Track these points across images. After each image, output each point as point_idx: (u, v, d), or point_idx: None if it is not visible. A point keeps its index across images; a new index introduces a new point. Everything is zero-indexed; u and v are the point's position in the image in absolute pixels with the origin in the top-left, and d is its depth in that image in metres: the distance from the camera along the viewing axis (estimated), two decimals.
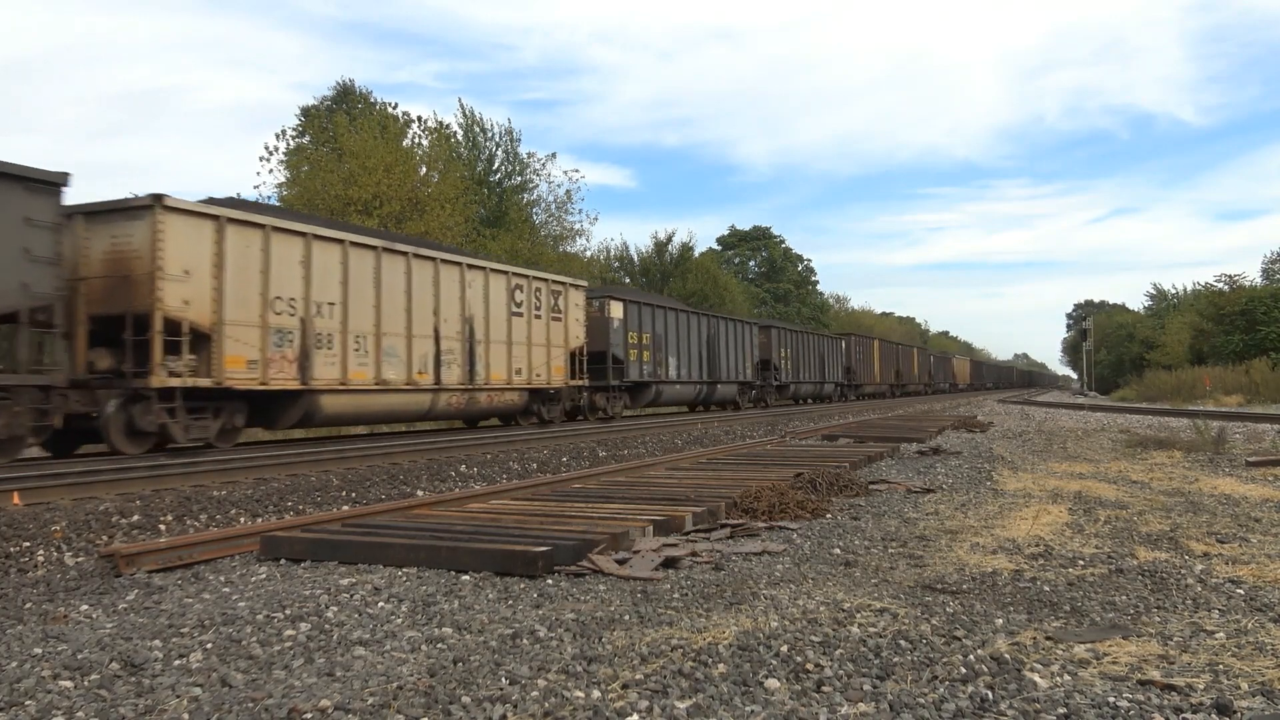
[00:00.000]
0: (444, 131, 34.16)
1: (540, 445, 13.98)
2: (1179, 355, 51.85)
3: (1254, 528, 6.13)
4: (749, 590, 4.32)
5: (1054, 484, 8.66)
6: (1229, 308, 47.81)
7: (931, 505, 7.29)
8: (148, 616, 4.13)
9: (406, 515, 6.77)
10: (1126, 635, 3.53)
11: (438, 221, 28.31)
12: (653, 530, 5.75)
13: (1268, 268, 61.78)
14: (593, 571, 4.76)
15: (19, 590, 5.04)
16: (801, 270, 77.12)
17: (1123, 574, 4.65)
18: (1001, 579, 4.53)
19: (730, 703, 2.83)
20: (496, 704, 2.83)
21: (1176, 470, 10.07)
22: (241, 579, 4.95)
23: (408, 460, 11.45)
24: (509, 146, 37.82)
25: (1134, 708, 2.73)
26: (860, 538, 5.81)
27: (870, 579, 4.60)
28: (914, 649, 3.30)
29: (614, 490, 7.93)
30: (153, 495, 8.08)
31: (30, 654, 3.54)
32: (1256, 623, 3.72)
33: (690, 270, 50.77)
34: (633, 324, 23.40)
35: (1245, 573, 4.64)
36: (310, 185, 28.22)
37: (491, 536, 5.45)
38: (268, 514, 7.80)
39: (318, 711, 2.80)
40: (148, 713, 2.88)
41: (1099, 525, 6.24)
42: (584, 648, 3.40)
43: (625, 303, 23.34)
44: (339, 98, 36.55)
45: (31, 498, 7.67)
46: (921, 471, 10.03)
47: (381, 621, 3.91)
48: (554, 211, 39.08)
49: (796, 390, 36.34)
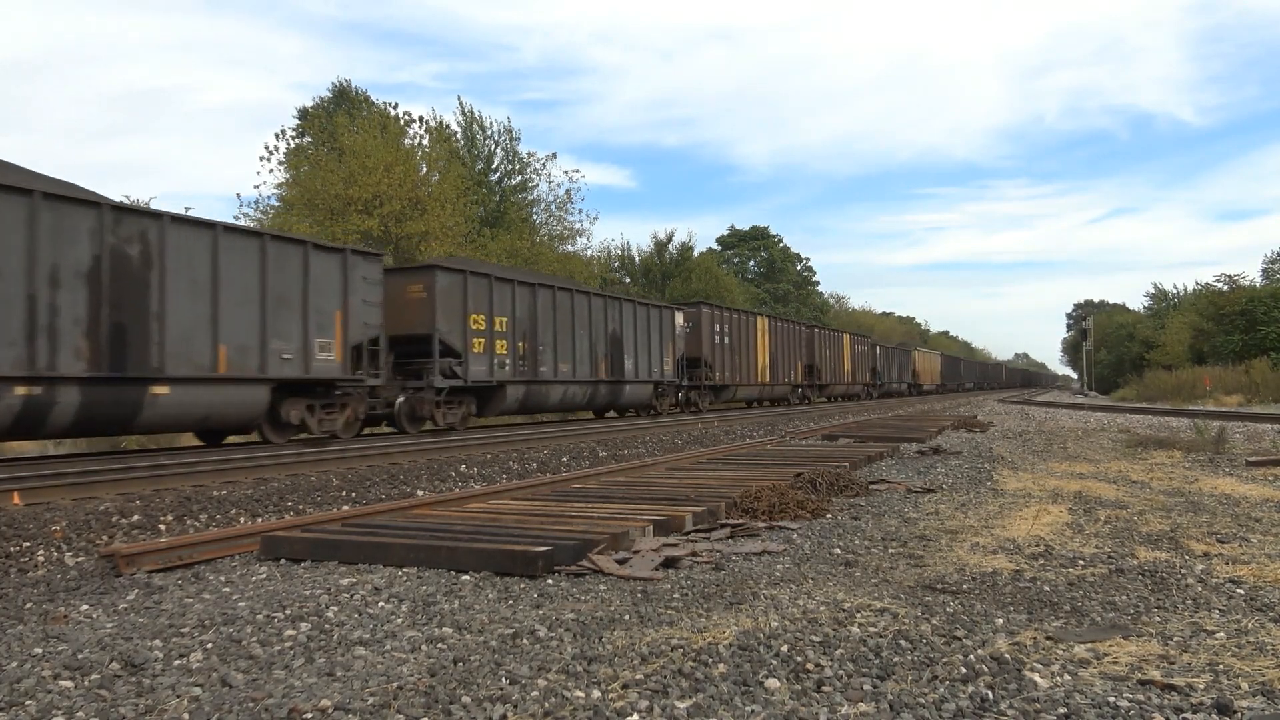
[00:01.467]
0: (443, 131, 34.16)
1: (540, 445, 13.98)
2: (1179, 355, 51.85)
3: (1254, 528, 6.13)
4: (749, 590, 4.32)
5: (1054, 484, 8.66)
6: (1229, 308, 47.80)
7: (932, 505, 7.29)
8: (148, 616, 4.13)
9: (406, 515, 6.77)
10: (1127, 635, 3.53)
11: (438, 221, 28.29)
12: (653, 530, 5.75)
13: (1268, 268, 61.82)
14: (593, 571, 4.76)
15: (19, 590, 5.04)
16: (801, 270, 77.15)
17: (1123, 574, 4.65)
18: (1002, 579, 4.53)
19: (730, 703, 2.83)
20: (497, 704, 2.83)
21: (1176, 470, 10.07)
22: (241, 579, 4.95)
23: (408, 460, 11.44)
24: (508, 145, 37.86)
25: (1134, 708, 2.72)
26: (860, 538, 5.81)
27: (870, 579, 4.60)
28: (914, 649, 3.30)
29: (614, 490, 7.93)
30: (153, 495, 8.08)
31: (30, 654, 3.54)
32: (1257, 622, 3.72)
33: (691, 270, 50.78)
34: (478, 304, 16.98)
35: (1245, 573, 4.64)
36: (310, 185, 28.20)
37: (491, 536, 5.45)
38: (268, 514, 7.80)
39: (318, 711, 2.80)
40: (148, 713, 2.88)
41: (1099, 525, 6.24)
42: (584, 648, 3.40)
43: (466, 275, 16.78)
44: (337, 98, 36.55)
45: (31, 498, 7.67)
46: (921, 471, 10.03)
47: (382, 621, 3.91)
48: (554, 211, 39.10)
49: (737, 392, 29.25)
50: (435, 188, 29.44)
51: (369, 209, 27.18)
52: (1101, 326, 79.44)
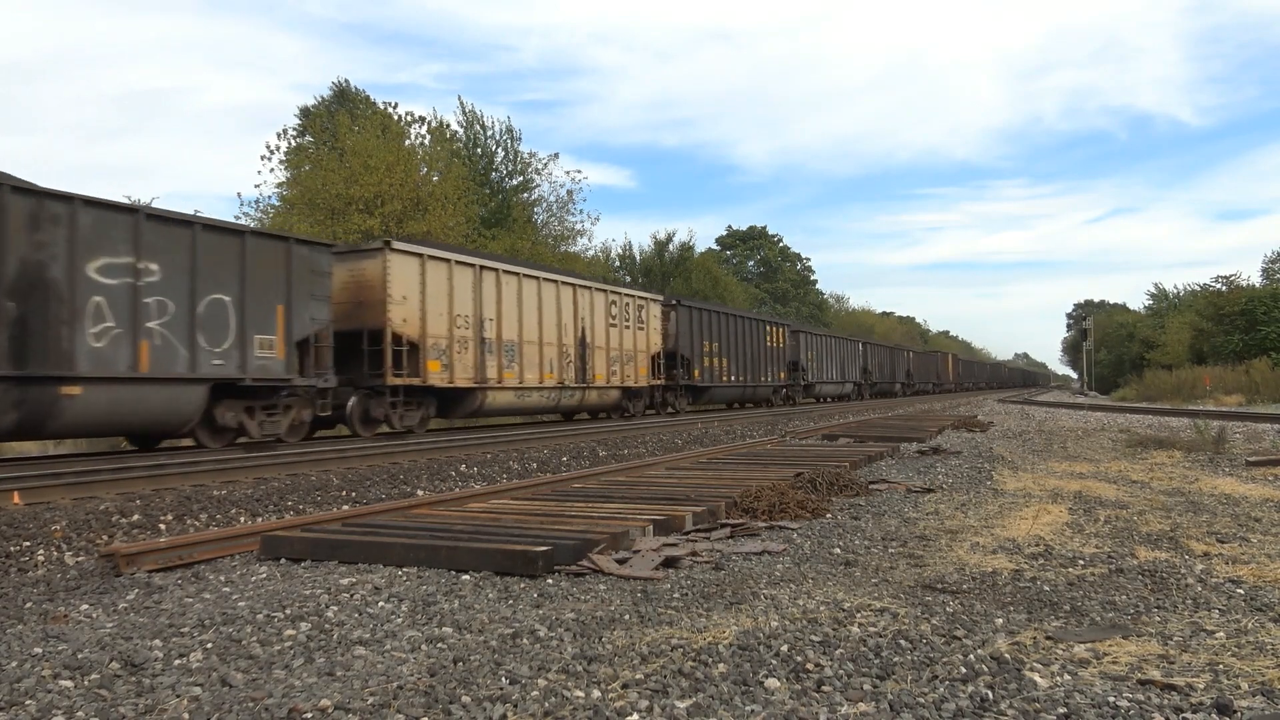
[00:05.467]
0: (444, 131, 34.16)
1: (540, 445, 13.98)
2: (1179, 355, 51.80)
3: (1254, 527, 6.13)
4: (749, 590, 4.32)
5: (1054, 484, 8.66)
6: (1229, 308, 47.78)
7: (931, 505, 7.29)
8: (148, 616, 4.13)
9: (406, 515, 6.77)
10: (1126, 635, 3.53)
11: (439, 221, 28.29)
12: (653, 530, 5.75)
13: (1268, 268, 61.78)
14: (593, 571, 4.76)
15: (19, 590, 5.05)
16: (800, 270, 77.16)
17: (1123, 574, 4.65)
18: (1001, 579, 4.53)
19: (730, 702, 2.83)
20: (496, 704, 2.83)
21: (1176, 470, 10.07)
22: (241, 579, 4.95)
23: (408, 460, 11.44)
24: (509, 145, 37.84)
25: (1134, 707, 2.72)
26: (860, 537, 5.82)
27: (870, 579, 4.60)
28: (914, 649, 3.30)
29: (614, 490, 7.93)
30: (153, 495, 8.08)
31: (30, 653, 3.54)
32: (1256, 622, 3.72)
33: (691, 270, 50.80)
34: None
35: (1245, 572, 4.64)
36: (311, 184, 28.20)
37: (491, 536, 5.44)
38: (268, 514, 7.80)
39: (318, 711, 2.80)
40: (148, 712, 2.88)
41: (1099, 525, 6.24)
42: (584, 647, 3.40)
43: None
44: (336, 98, 36.54)
45: (32, 497, 7.67)
46: (921, 471, 10.03)
47: (382, 621, 3.91)
48: (555, 211, 39.09)
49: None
50: (436, 187, 29.44)
51: (370, 208, 27.18)
52: (1101, 326, 79.42)
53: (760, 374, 30.58)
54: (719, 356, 26.95)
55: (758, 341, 30.48)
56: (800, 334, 35.54)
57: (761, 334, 30.98)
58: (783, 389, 33.44)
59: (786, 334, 33.96)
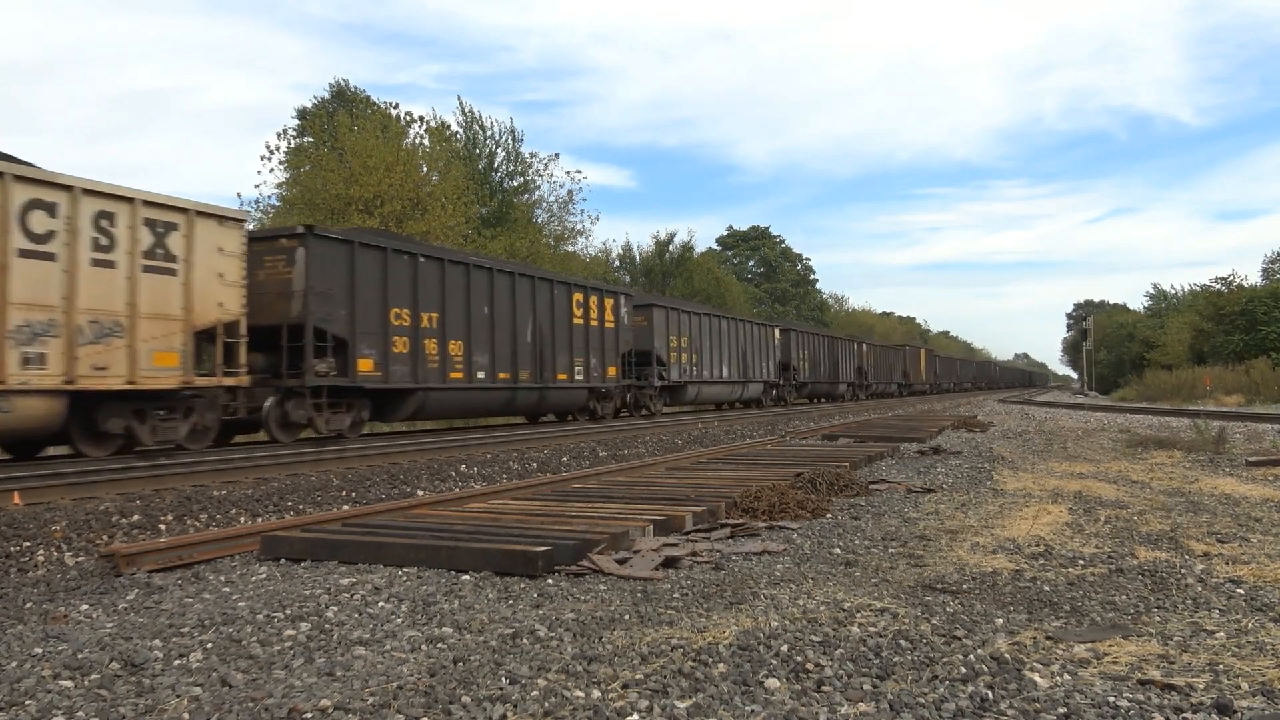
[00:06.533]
0: (444, 131, 34.16)
1: (540, 445, 13.99)
2: (1179, 355, 51.81)
3: (1254, 527, 6.13)
4: (749, 590, 4.32)
5: (1054, 484, 8.66)
6: (1229, 308, 47.77)
7: (932, 505, 7.29)
8: (148, 616, 4.13)
9: (406, 515, 6.77)
10: (1126, 635, 3.53)
11: (439, 221, 28.29)
12: (653, 530, 5.75)
13: (1268, 268, 61.78)
14: (593, 571, 4.76)
15: (19, 590, 5.05)
16: (800, 270, 77.17)
17: (1123, 574, 4.65)
18: (1001, 579, 4.53)
19: (730, 702, 2.83)
20: (496, 704, 2.83)
21: (1177, 470, 10.07)
22: (241, 579, 4.95)
23: (408, 460, 11.44)
24: (510, 146, 37.83)
25: (1134, 707, 2.72)
26: (860, 537, 5.82)
27: (870, 579, 4.60)
28: (914, 649, 3.30)
29: (614, 490, 7.93)
30: (153, 495, 8.08)
31: (30, 654, 3.54)
32: (1257, 622, 3.72)
33: (692, 270, 50.81)
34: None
35: (1245, 572, 4.64)
36: (311, 184, 28.20)
37: (491, 536, 5.45)
38: (268, 514, 7.80)
39: (318, 711, 2.80)
40: (148, 712, 2.88)
41: (1099, 525, 6.24)
42: (584, 647, 3.40)
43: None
44: (335, 98, 36.52)
45: (32, 497, 7.67)
46: (921, 471, 10.03)
47: (381, 621, 3.91)
48: (555, 212, 39.10)
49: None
50: (435, 187, 29.45)
51: (370, 208, 27.18)
52: (1101, 326, 79.43)
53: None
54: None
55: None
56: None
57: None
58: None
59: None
